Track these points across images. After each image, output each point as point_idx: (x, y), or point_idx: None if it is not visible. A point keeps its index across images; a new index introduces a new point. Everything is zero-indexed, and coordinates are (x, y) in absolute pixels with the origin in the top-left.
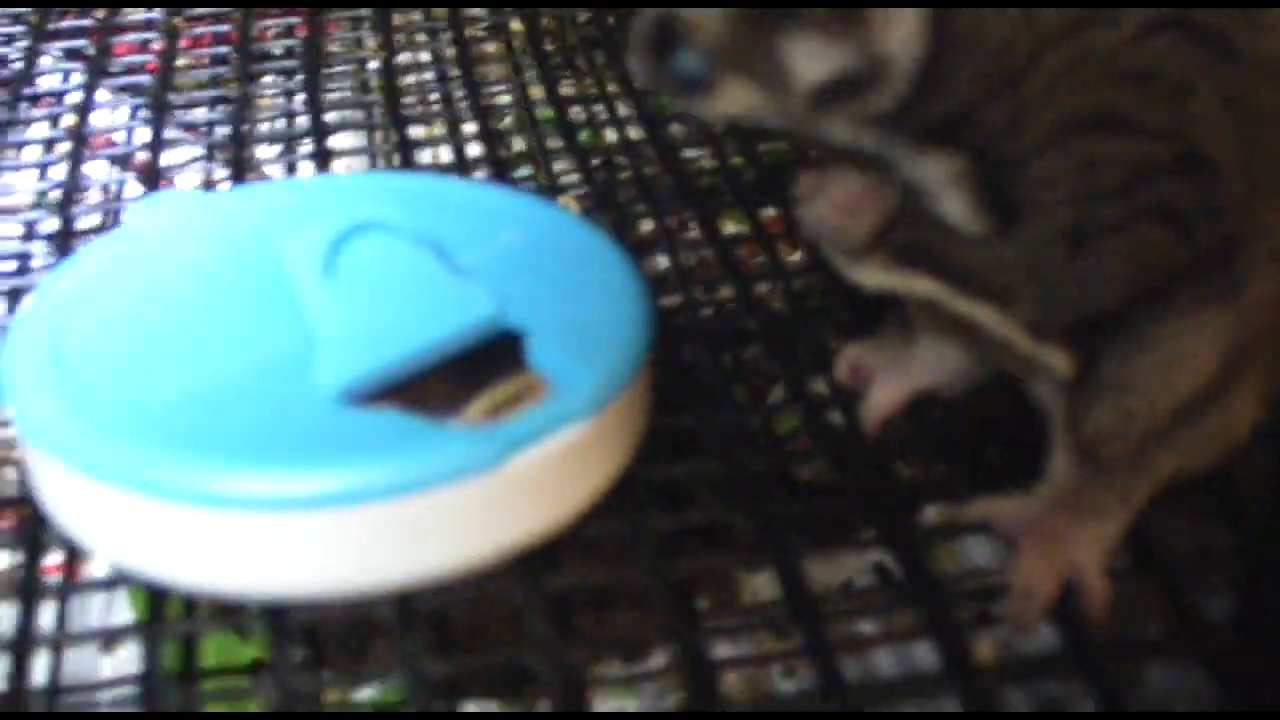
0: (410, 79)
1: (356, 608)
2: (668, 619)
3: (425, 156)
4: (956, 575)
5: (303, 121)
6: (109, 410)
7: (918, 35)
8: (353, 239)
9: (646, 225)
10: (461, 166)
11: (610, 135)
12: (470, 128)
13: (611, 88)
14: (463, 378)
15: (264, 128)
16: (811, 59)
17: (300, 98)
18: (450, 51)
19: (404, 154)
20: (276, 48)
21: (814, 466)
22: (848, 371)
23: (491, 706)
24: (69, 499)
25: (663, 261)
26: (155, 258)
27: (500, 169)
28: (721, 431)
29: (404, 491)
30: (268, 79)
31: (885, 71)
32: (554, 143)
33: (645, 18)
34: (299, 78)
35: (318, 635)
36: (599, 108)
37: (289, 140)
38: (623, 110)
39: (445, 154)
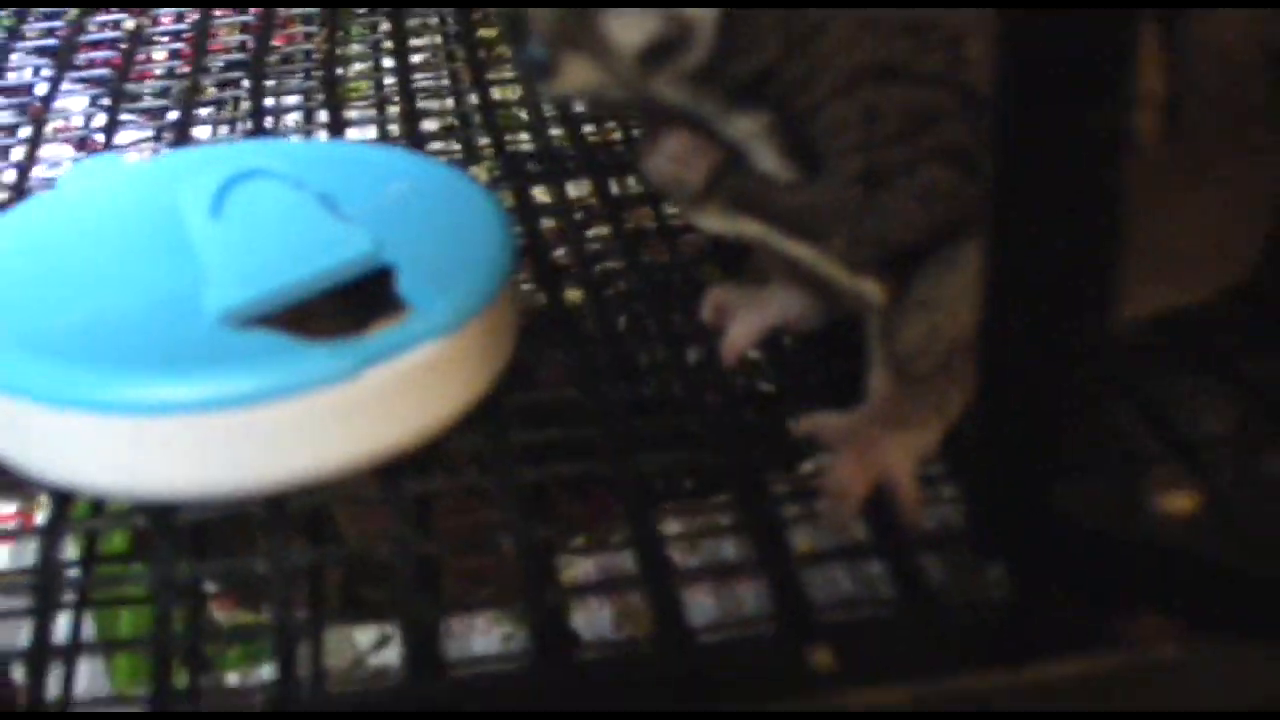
0: (354, 68)
1: (234, 508)
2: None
3: (354, 133)
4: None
5: (245, 107)
6: (16, 334)
7: None
8: (239, 185)
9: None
10: (383, 139)
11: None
12: (395, 110)
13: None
14: (343, 310)
15: (206, 112)
16: (627, 29)
17: (245, 84)
18: (388, 43)
19: (333, 131)
20: (232, 43)
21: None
22: (711, 311)
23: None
24: None
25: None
26: (78, 212)
27: (418, 142)
28: (590, 365)
29: (269, 398)
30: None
31: (691, 32)
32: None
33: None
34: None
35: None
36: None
37: (231, 123)
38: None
39: (373, 132)
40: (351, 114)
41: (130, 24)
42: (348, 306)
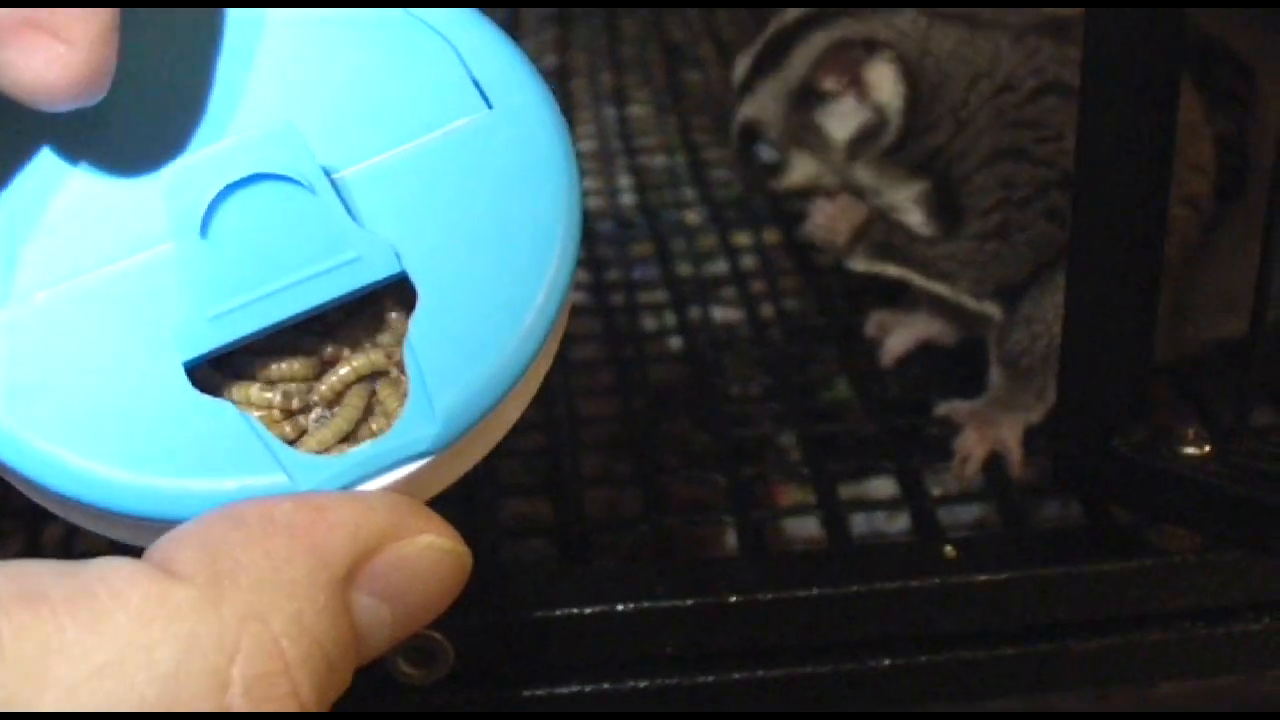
0: None
1: None
2: None
3: None
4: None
5: None
6: None
7: (896, 82)
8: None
9: None
10: None
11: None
12: None
13: None
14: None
15: None
16: (841, 123)
17: None
18: None
19: None
20: None
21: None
22: (875, 327)
23: None
24: None
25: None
26: None
27: None
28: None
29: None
30: None
31: (886, 118)
32: None
33: (733, 125)
34: None
35: None
36: None
37: None
38: None
39: None
40: None
41: None
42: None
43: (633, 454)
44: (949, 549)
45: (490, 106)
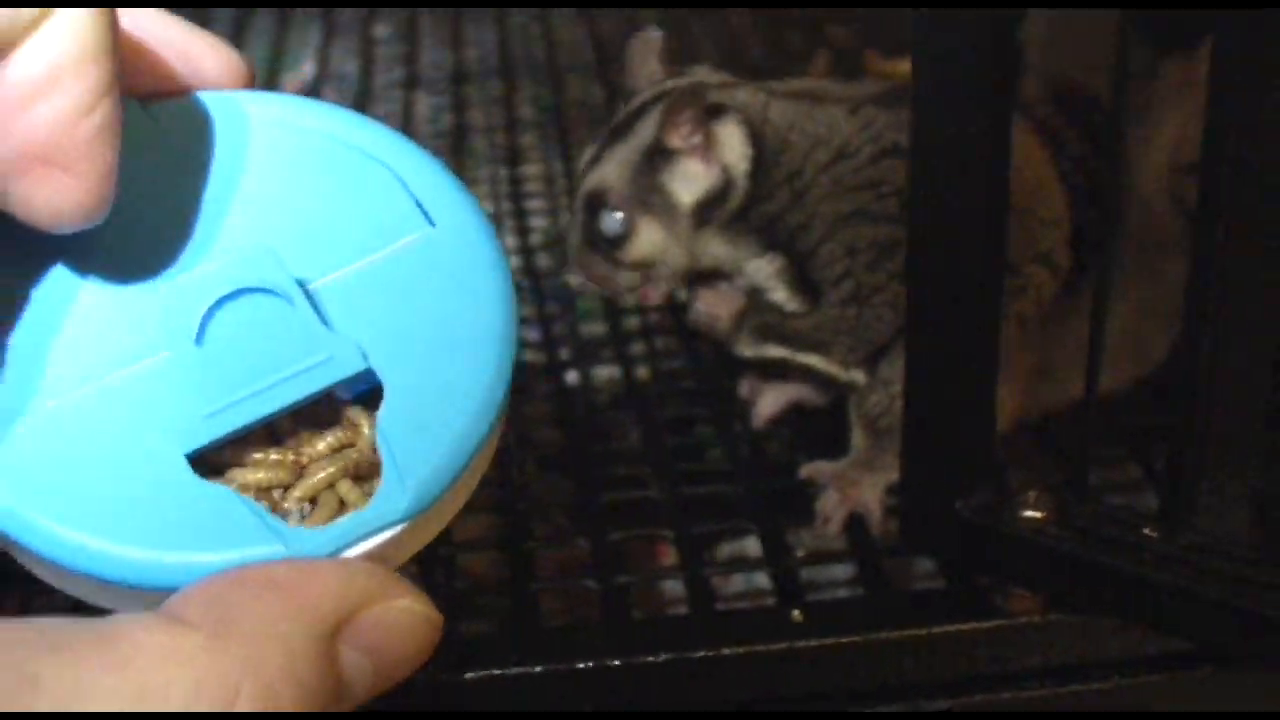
0: None
1: None
2: None
3: None
4: None
5: None
6: None
7: (743, 142)
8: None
9: None
10: None
11: None
12: None
13: None
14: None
15: None
16: (687, 185)
17: None
18: None
19: None
20: None
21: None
22: (748, 389)
23: None
24: None
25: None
26: None
27: None
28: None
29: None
30: None
31: (732, 176)
32: None
33: (579, 199)
34: None
35: None
36: None
37: None
38: None
39: None
40: None
41: None
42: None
43: (507, 518)
44: (796, 613)
45: (433, 225)
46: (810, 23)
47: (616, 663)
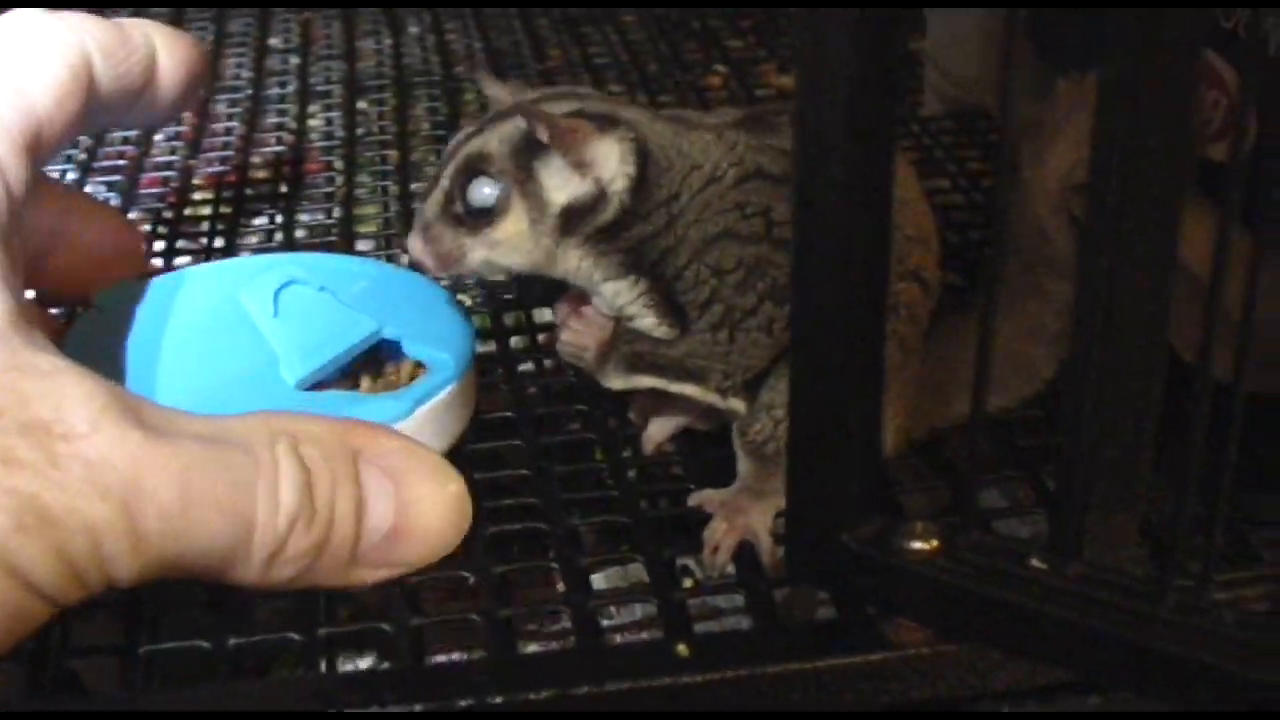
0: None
1: None
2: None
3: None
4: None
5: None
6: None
7: (622, 161)
8: (283, 290)
9: None
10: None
11: None
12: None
13: None
14: (371, 368)
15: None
16: (559, 186)
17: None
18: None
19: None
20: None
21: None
22: (636, 414)
23: None
24: None
25: None
26: (149, 316)
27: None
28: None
29: None
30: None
31: (608, 191)
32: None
33: (451, 164)
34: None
35: None
36: None
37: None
38: None
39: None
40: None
41: (181, 162)
42: (366, 364)
43: None
44: (681, 647)
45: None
46: (707, 36)
47: (499, 700)
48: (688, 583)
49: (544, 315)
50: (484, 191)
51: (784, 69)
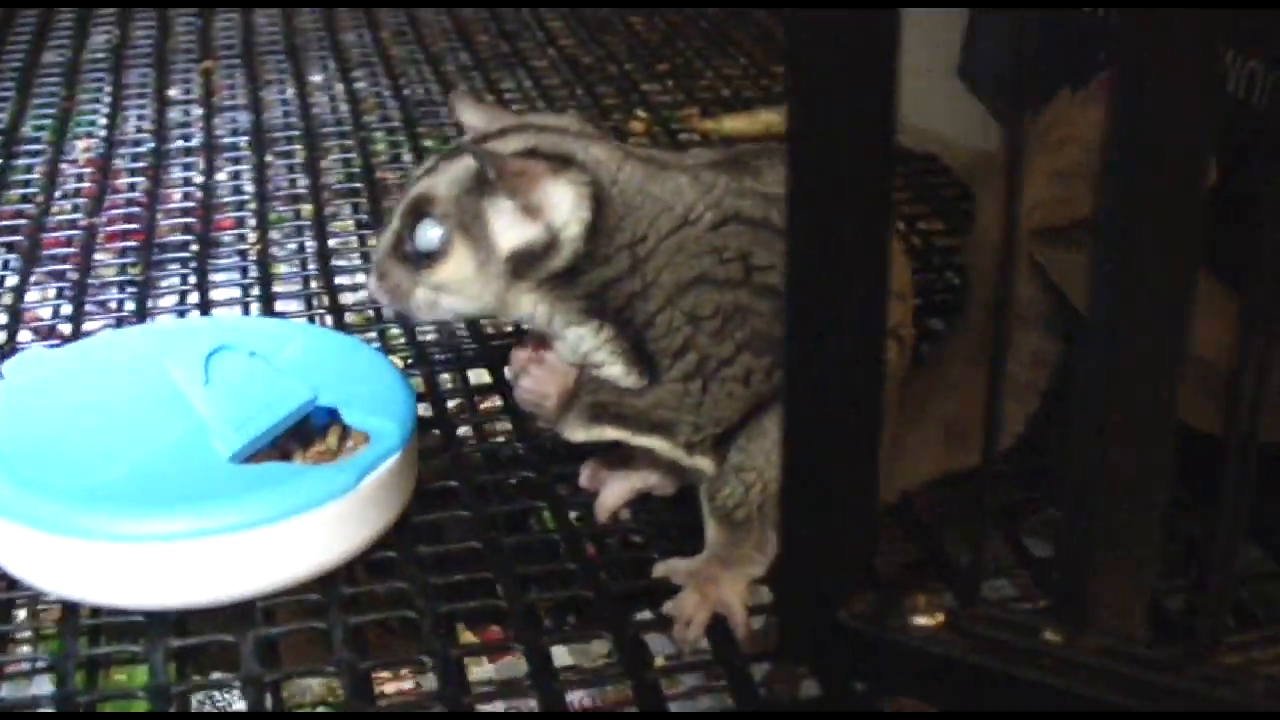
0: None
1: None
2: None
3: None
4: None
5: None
6: (74, 486)
7: (577, 206)
8: (213, 357)
9: None
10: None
11: None
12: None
13: None
14: (300, 437)
15: None
16: (506, 230)
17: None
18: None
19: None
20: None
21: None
22: (588, 478)
23: None
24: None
25: None
26: (64, 386)
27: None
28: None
29: (310, 506)
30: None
31: (560, 236)
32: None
33: (403, 202)
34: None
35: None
36: None
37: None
38: None
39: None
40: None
41: (84, 221)
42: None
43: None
44: None
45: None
46: (626, 82)
47: None
48: (659, 660)
49: (481, 376)
50: (428, 234)
51: (706, 113)
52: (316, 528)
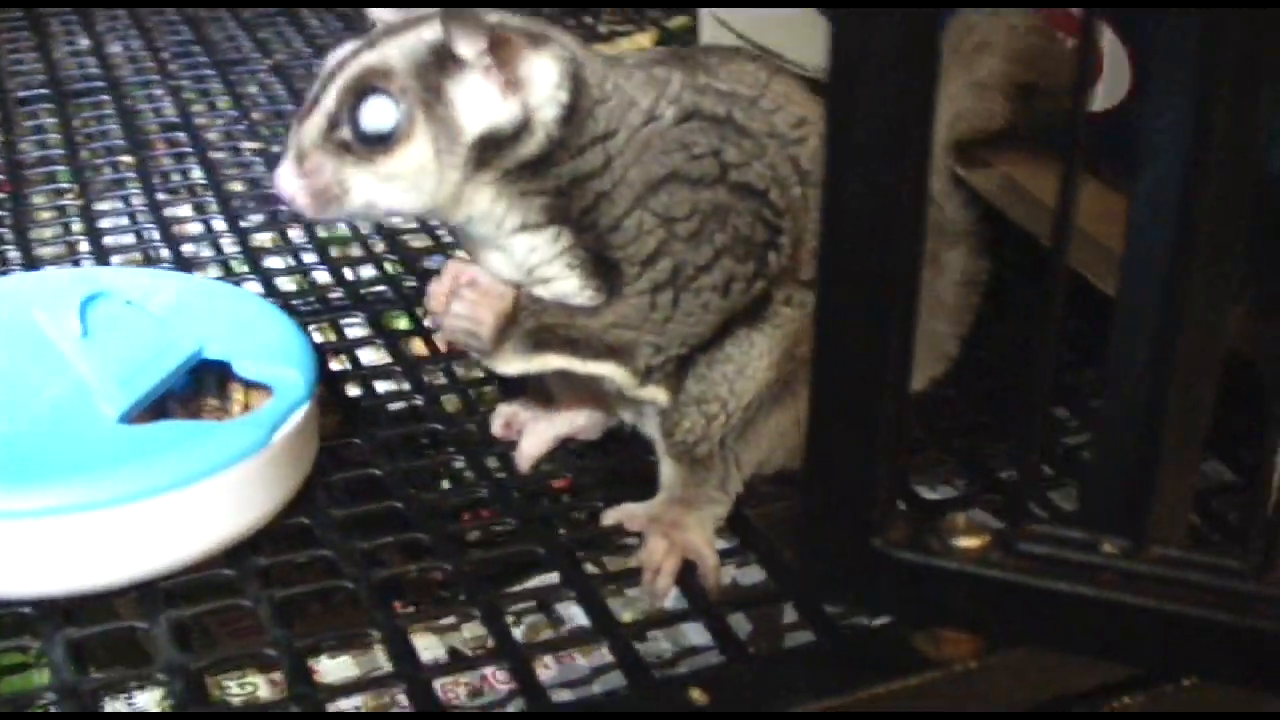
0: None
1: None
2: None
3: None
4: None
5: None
6: None
7: (558, 86)
8: (88, 306)
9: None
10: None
11: None
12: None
13: None
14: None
15: None
16: (474, 106)
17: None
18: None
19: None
20: None
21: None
22: (501, 426)
23: None
24: None
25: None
26: None
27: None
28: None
29: (220, 467)
30: None
31: (533, 119)
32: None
33: (341, 81)
34: None
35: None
36: None
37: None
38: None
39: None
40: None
41: None
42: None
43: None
44: (696, 693)
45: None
46: None
47: None
48: (626, 616)
49: (355, 330)
50: (381, 113)
51: None
52: (228, 491)
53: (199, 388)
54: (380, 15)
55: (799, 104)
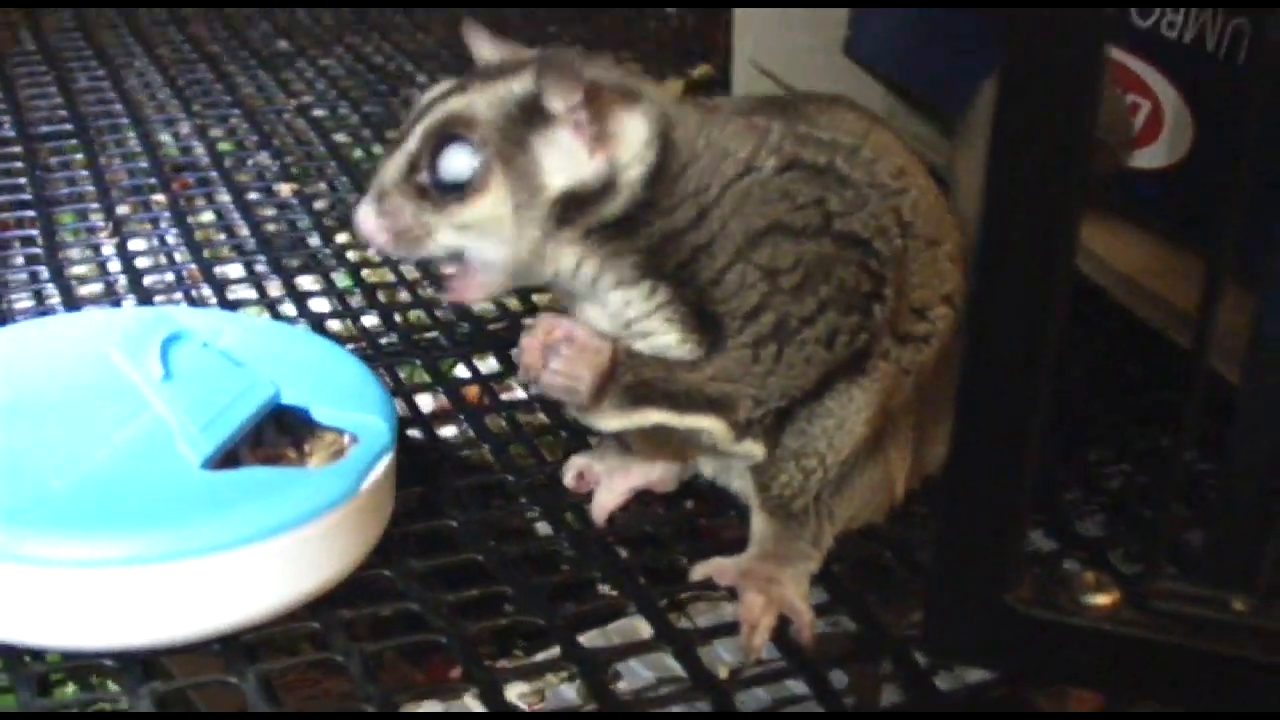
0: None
1: None
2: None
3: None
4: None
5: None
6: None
7: (648, 145)
8: (169, 347)
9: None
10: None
11: None
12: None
13: None
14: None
15: None
16: (558, 161)
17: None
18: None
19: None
20: None
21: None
22: (574, 478)
23: None
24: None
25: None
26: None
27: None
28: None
29: (311, 516)
30: None
31: (619, 179)
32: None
33: (424, 125)
34: None
35: None
36: None
37: None
38: None
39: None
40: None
41: None
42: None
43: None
44: None
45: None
46: None
47: None
48: (723, 672)
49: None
50: (459, 161)
51: None
52: (318, 541)
53: (262, 432)
54: (482, 54)
55: (898, 154)
